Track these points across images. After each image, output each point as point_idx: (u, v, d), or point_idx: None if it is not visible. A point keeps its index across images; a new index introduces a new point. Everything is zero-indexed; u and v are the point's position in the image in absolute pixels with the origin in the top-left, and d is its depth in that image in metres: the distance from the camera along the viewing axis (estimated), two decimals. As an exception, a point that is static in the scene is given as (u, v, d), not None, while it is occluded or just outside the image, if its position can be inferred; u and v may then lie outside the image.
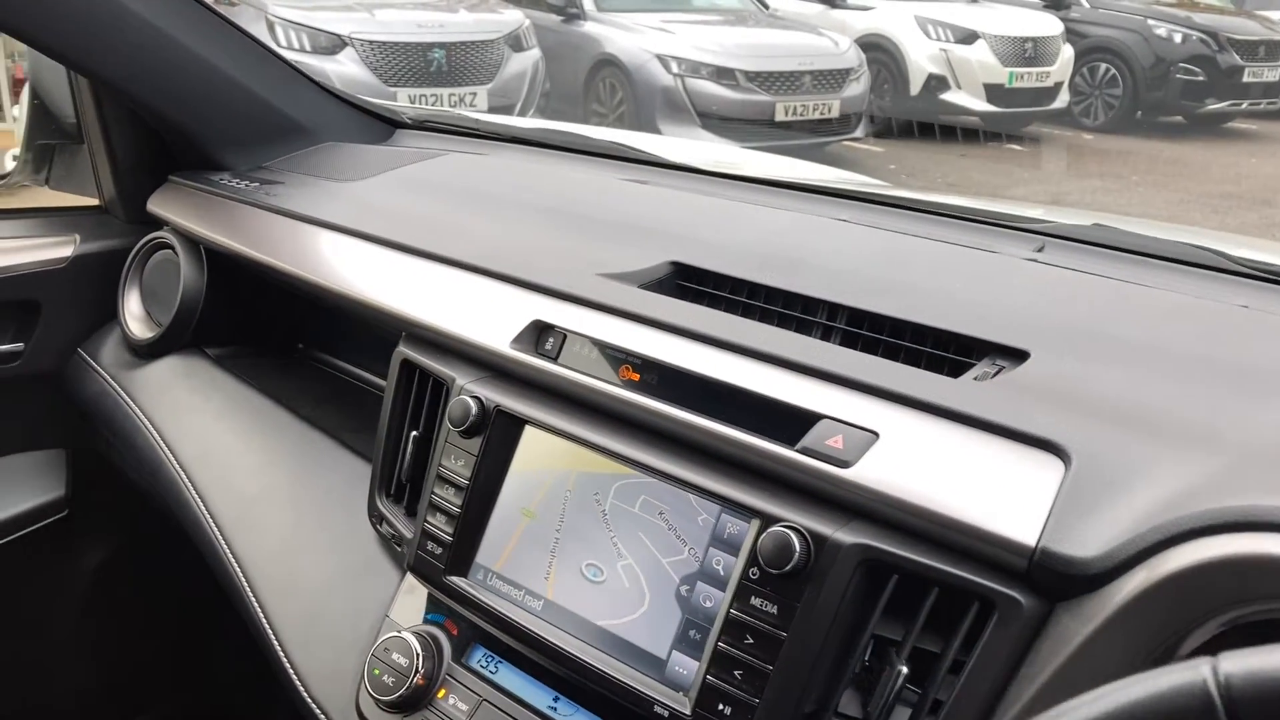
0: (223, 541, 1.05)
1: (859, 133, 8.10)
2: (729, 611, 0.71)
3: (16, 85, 1.77)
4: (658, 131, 7.77)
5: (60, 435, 1.47)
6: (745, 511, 0.73)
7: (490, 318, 0.94)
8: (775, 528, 0.69)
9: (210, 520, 1.08)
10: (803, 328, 0.90)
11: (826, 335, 0.89)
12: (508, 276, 0.98)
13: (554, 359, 0.88)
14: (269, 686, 1.75)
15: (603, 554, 0.80)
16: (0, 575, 1.41)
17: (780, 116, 7.77)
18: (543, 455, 0.85)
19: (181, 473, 1.15)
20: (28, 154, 1.45)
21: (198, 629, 1.67)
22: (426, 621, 0.88)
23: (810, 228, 1.11)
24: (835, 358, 0.79)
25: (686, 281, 0.99)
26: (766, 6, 9.45)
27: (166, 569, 1.59)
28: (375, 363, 1.30)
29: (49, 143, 1.47)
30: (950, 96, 8.80)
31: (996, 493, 0.66)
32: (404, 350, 0.98)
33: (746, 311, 0.93)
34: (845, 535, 0.68)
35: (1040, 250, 1.01)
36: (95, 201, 1.48)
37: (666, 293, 0.95)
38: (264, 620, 0.97)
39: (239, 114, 1.38)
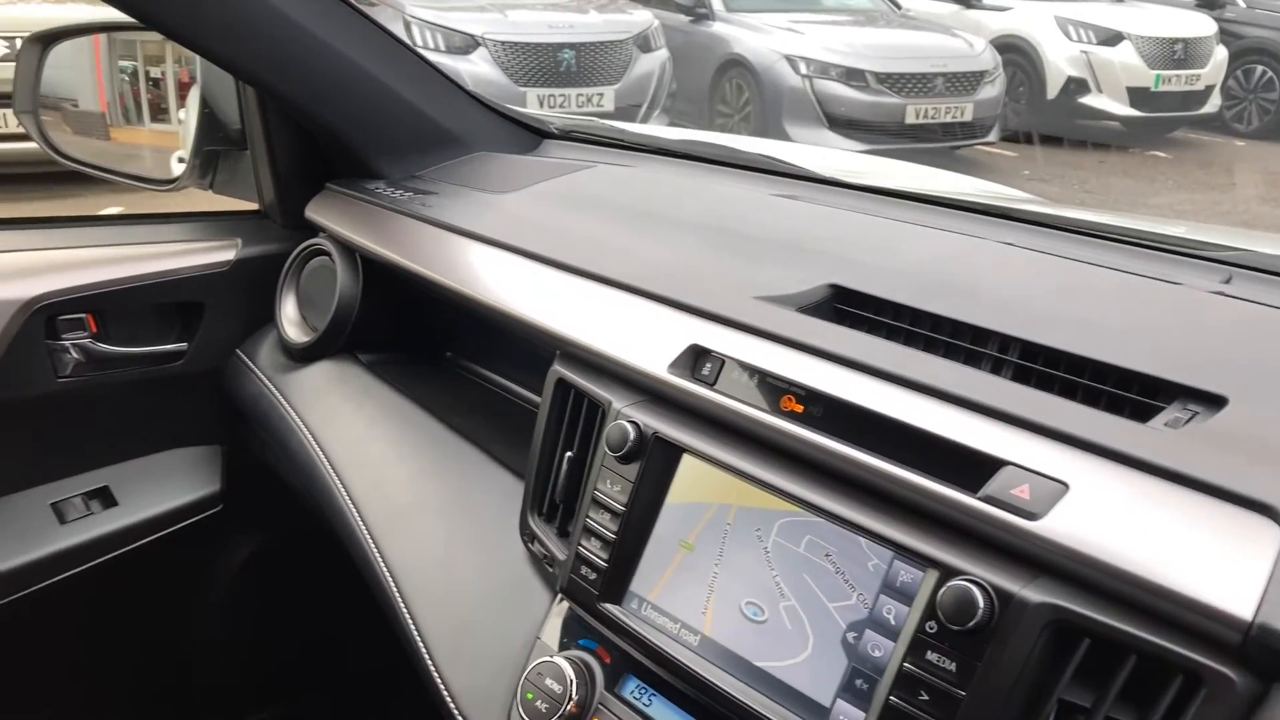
0: (375, 550, 1.06)
1: (992, 137, 7.86)
2: (902, 665, 0.68)
3: (182, 89, 1.84)
4: (784, 133, 7.69)
5: (216, 432, 1.52)
6: (921, 560, 0.70)
7: (646, 339, 0.93)
8: (956, 581, 0.66)
9: (363, 528, 1.09)
10: (971, 360, 0.86)
11: (996, 369, 0.84)
12: (663, 297, 0.97)
13: (711, 385, 0.86)
14: (399, 688, 1.79)
15: (764, 593, 0.77)
16: (156, 566, 1.47)
17: (910, 119, 7.60)
18: (701, 485, 0.83)
19: (335, 478, 1.17)
20: (195, 159, 1.51)
21: (335, 626, 1.72)
22: (578, 647, 0.87)
23: (975, 251, 1.07)
24: (1016, 398, 0.75)
25: (846, 305, 0.95)
26: (899, 6, 9.25)
27: (310, 566, 1.63)
28: (522, 374, 1.30)
29: (215, 149, 1.52)
30: (1090, 100, 8.46)
31: (1203, 557, 0.61)
32: (559, 369, 0.97)
33: (909, 340, 0.89)
34: (1032, 593, 0.64)
35: (1227, 282, 0.95)
36: (255, 206, 1.53)
37: (824, 317, 0.92)
38: (415, 632, 0.98)
39: (395, 123, 1.40)
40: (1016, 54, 8.70)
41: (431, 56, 1.48)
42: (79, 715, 1.56)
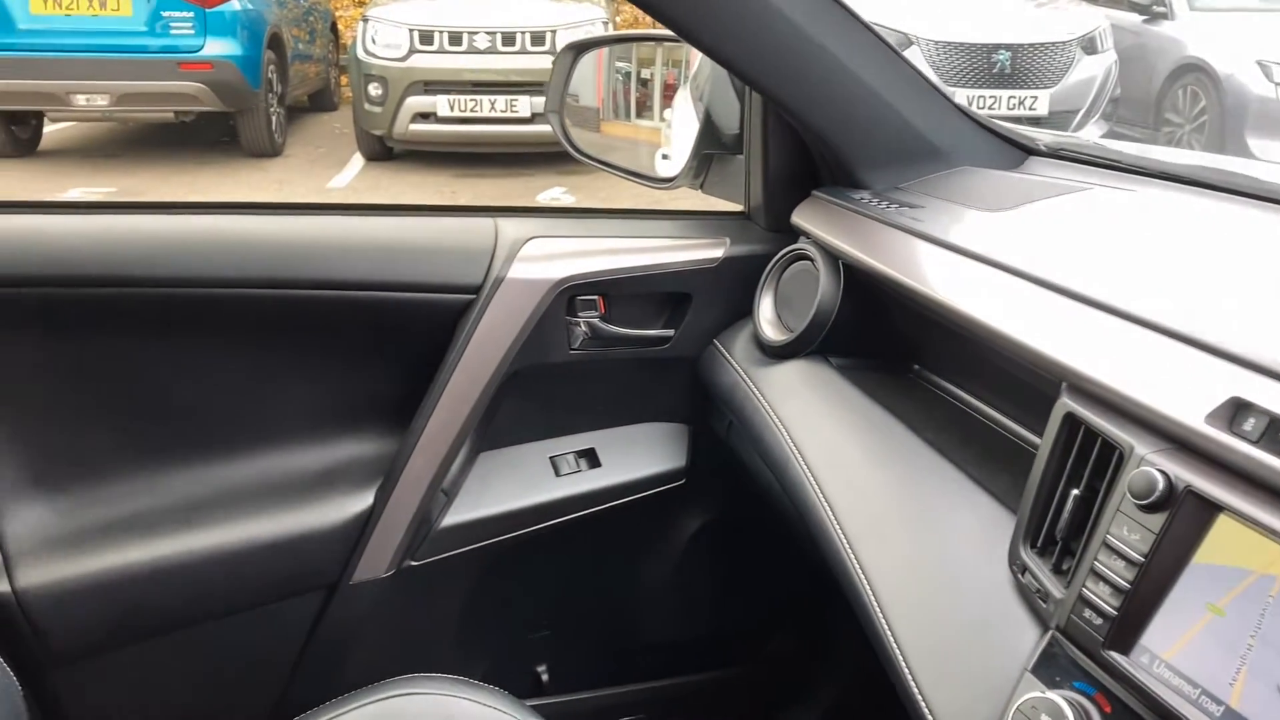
0: (850, 553, 1.11)
1: None
2: None
3: (667, 90, 2.00)
4: (1244, 146, 6.88)
5: (685, 412, 1.65)
6: None
7: (1174, 385, 0.88)
8: None
9: (838, 529, 1.14)
10: None
11: None
12: (1195, 340, 0.91)
13: (1254, 442, 0.81)
14: (820, 666, 1.85)
15: (1313, 678, 0.72)
16: (623, 527, 1.63)
17: None
18: (1238, 549, 0.78)
19: (810, 476, 1.23)
20: (692, 162, 1.64)
21: (764, 606, 1.81)
22: (1072, 688, 0.86)
23: None
24: None
25: None
26: None
27: (751, 547, 1.74)
28: (997, 396, 1.29)
29: (710, 153, 1.64)
30: None
31: None
32: (1070, 404, 0.95)
33: None
34: None
35: None
36: (739, 208, 1.64)
37: None
38: (892, 640, 1.01)
39: (889, 136, 1.43)
40: None
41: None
42: (543, 642, 1.77)
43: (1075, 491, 0.92)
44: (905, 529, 1.11)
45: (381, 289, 1.43)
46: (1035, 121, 7.00)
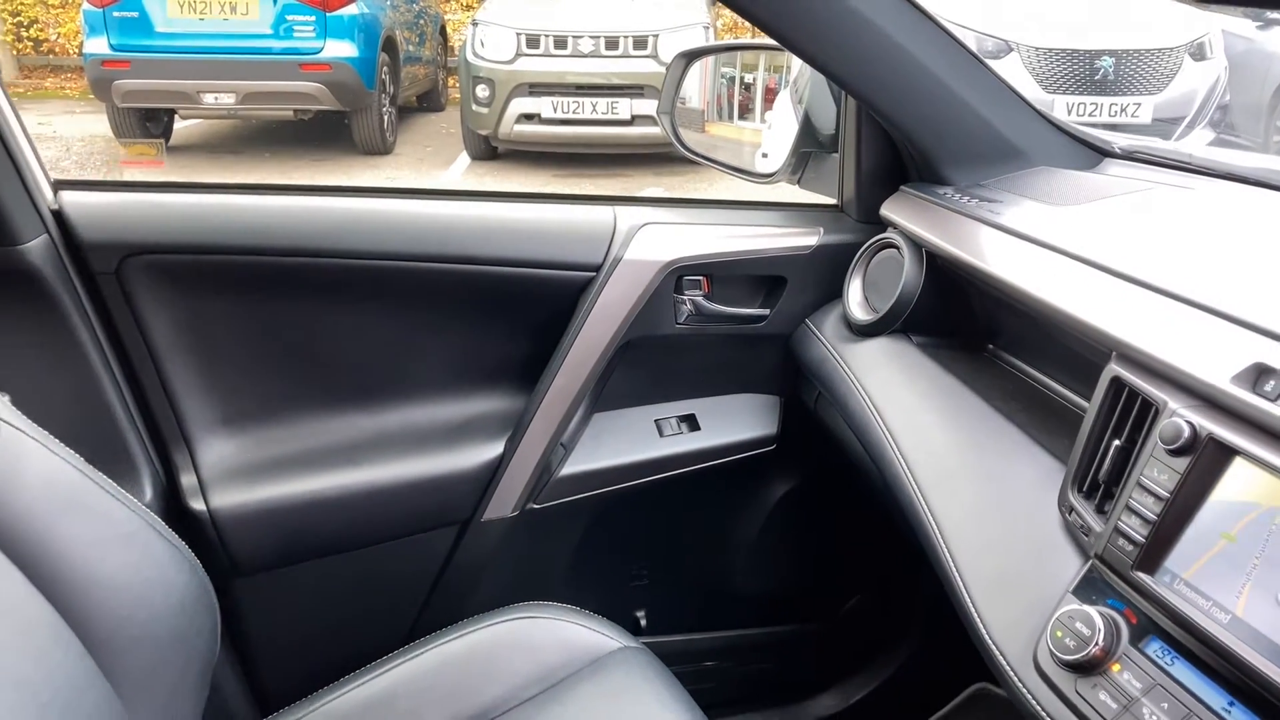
0: (922, 500, 1.27)
1: None
2: None
3: (768, 94, 2.17)
4: (1358, 157, 6.69)
5: (777, 385, 1.83)
6: None
7: (1207, 352, 1.02)
8: None
9: (912, 481, 1.30)
10: None
11: None
12: (1223, 313, 1.05)
13: (1273, 401, 0.95)
14: (897, 625, 2.00)
15: (1304, 589, 0.86)
16: (719, 487, 1.81)
17: None
18: (1250, 488, 0.93)
19: (889, 437, 1.39)
20: (791, 159, 1.81)
21: (844, 564, 1.97)
22: (1106, 605, 1.01)
23: None
24: None
25: None
26: None
27: (834, 510, 1.89)
28: (1061, 372, 1.43)
29: (807, 150, 1.81)
30: None
31: None
32: (1115, 369, 1.10)
33: None
34: None
35: None
36: (832, 201, 1.80)
37: None
38: (954, 569, 1.17)
39: (968, 136, 1.58)
40: None
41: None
42: (642, 589, 1.96)
43: (1117, 443, 1.07)
44: (970, 479, 1.26)
45: (516, 265, 1.64)
46: (1138, 130, 6.95)
